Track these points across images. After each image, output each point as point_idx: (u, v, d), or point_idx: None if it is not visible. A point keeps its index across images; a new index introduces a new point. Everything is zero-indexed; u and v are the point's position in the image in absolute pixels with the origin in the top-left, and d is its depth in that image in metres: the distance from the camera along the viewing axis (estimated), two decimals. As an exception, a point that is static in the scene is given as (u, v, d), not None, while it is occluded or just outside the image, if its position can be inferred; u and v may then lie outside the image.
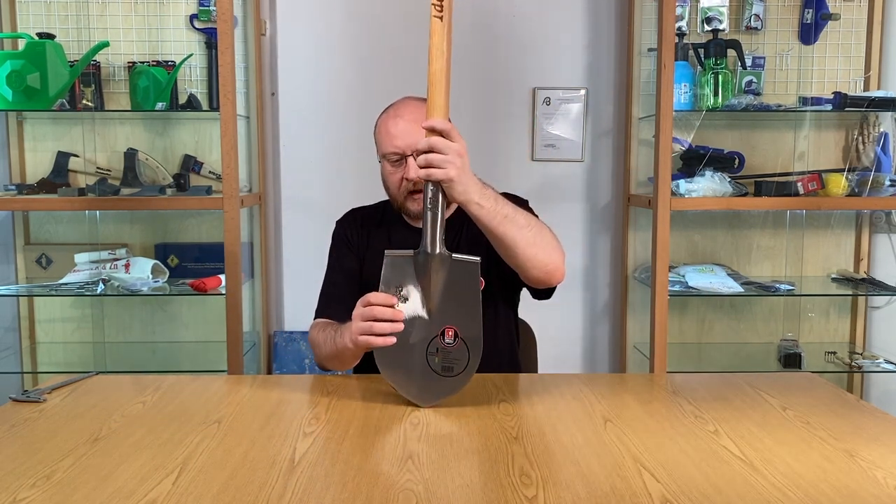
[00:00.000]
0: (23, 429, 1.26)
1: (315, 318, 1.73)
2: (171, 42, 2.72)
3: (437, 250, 1.38)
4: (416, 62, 2.79)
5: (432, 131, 1.38)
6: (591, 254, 2.90)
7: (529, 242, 1.48)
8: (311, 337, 1.67)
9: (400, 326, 1.36)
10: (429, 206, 1.38)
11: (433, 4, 1.36)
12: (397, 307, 1.36)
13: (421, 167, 1.38)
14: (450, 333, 1.36)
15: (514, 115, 2.83)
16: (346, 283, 1.73)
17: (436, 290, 1.38)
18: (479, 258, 1.39)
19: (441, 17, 1.37)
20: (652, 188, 2.50)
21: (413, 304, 1.36)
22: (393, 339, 1.35)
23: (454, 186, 1.38)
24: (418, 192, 1.62)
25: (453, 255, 1.38)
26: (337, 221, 1.82)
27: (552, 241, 1.54)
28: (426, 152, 1.38)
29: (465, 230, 1.72)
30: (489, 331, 1.68)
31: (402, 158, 1.62)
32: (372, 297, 1.38)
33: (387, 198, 1.81)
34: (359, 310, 1.40)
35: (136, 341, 2.81)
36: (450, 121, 1.41)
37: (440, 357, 1.36)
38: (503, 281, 1.67)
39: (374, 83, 2.80)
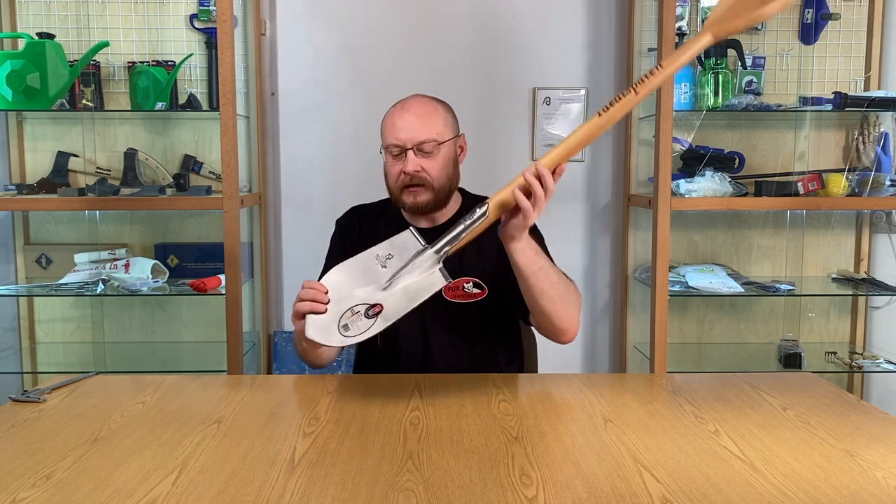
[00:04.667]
0: (23, 429, 1.26)
1: None
2: (171, 42, 2.72)
3: (436, 250, 1.40)
4: (416, 62, 2.81)
5: (552, 173, 1.36)
6: (591, 254, 2.90)
7: (554, 299, 1.52)
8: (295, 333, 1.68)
9: (321, 308, 1.38)
10: (467, 221, 1.39)
11: (633, 87, 1.37)
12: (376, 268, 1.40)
13: (521, 189, 1.36)
14: (376, 309, 1.38)
15: (514, 115, 2.83)
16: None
17: (404, 276, 1.40)
18: (449, 281, 1.39)
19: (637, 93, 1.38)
20: (652, 188, 2.50)
21: (383, 273, 1.40)
22: (318, 307, 1.38)
23: (523, 225, 1.39)
24: (414, 185, 1.63)
25: (441, 266, 1.39)
26: (337, 220, 1.83)
27: (576, 302, 1.58)
28: (535, 181, 1.35)
29: (483, 234, 1.73)
30: (486, 345, 1.69)
31: (402, 151, 1.63)
32: (306, 283, 1.42)
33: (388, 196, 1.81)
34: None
35: (136, 341, 2.81)
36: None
37: (352, 318, 1.38)
38: (506, 299, 1.68)
39: (374, 83, 2.80)
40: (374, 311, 1.37)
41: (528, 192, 1.36)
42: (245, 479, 1.05)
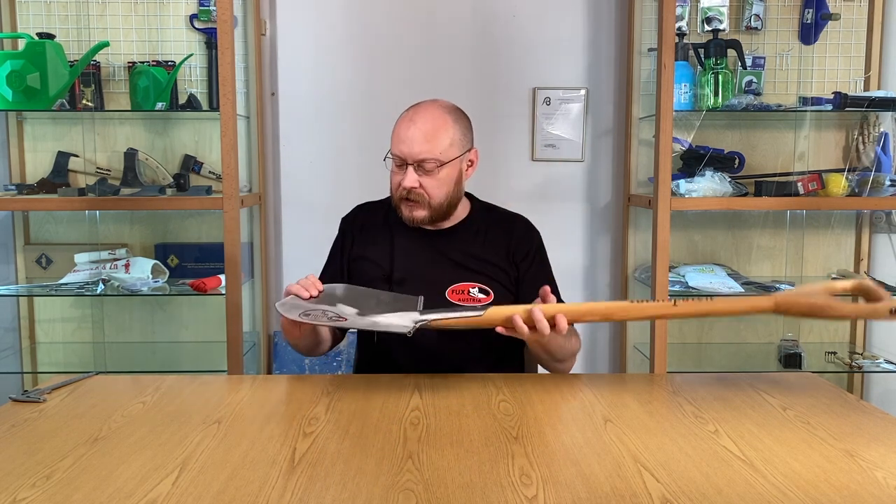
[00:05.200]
0: (23, 429, 1.26)
1: None
2: (171, 42, 2.72)
3: (421, 312, 1.44)
4: (417, 62, 2.81)
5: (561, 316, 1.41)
6: (591, 254, 2.90)
7: (554, 368, 1.63)
8: None
9: (304, 293, 1.48)
10: (464, 312, 1.44)
11: (675, 300, 1.41)
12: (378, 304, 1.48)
13: (525, 320, 1.41)
14: (340, 321, 1.45)
15: (514, 115, 2.83)
16: (333, 280, 1.75)
17: (384, 315, 1.45)
18: (409, 332, 1.41)
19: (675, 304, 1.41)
20: (652, 188, 2.50)
21: (371, 308, 1.47)
22: (302, 292, 1.48)
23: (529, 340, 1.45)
24: (411, 200, 1.64)
25: (415, 325, 1.42)
26: (342, 218, 1.83)
27: (576, 351, 1.67)
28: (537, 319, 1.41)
29: (486, 234, 1.74)
30: (487, 346, 1.71)
31: (403, 164, 1.62)
32: (311, 276, 1.52)
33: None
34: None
35: (136, 341, 2.81)
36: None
37: (318, 314, 1.45)
38: (510, 303, 1.70)
39: (374, 83, 2.80)
40: (338, 321, 1.44)
41: (530, 322, 1.41)
42: (245, 479, 1.05)
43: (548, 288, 1.48)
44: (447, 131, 1.62)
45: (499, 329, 1.43)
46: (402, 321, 1.40)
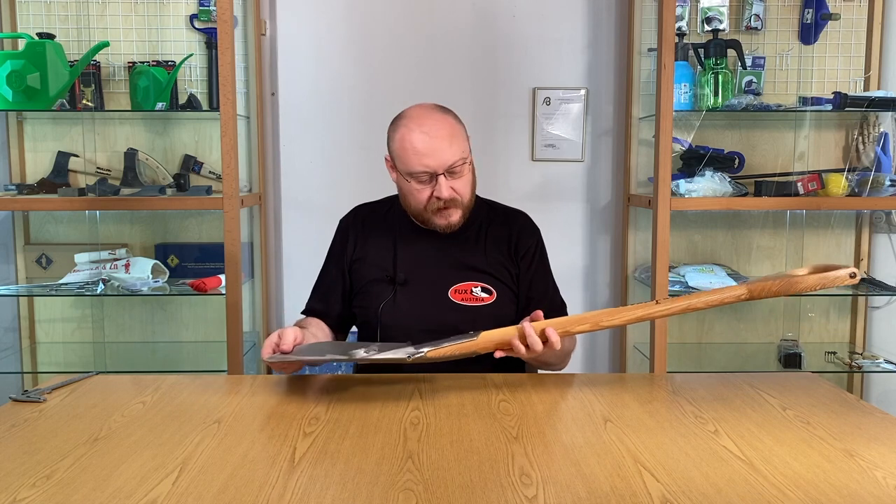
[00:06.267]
0: (23, 429, 1.26)
1: (303, 310, 1.80)
2: (171, 42, 2.72)
3: (416, 346, 1.42)
4: (417, 62, 2.81)
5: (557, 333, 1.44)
6: (591, 254, 2.90)
7: (551, 369, 1.66)
8: None
9: (267, 352, 1.47)
10: (457, 338, 1.44)
11: (657, 300, 1.45)
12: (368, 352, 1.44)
13: (519, 339, 1.44)
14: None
15: (514, 115, 2.83)
16: (333, 282, 1.77)
17: (374, 354, 1.44)
18: (409, 358, 1.41)
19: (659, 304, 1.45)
20: (652, 188, 2.50)
21: (359, 352, 1.46)
22: (267, 352, 1.47)
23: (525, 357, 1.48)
24: (446, 208, 1.63)
25: (412, 354, 1.41)
26: (341, 220, 1.82)
27: (571, 352, 1.70)
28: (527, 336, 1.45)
29: (487, 231, 1.75)
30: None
31: (433, 177, 1.59)
32: (280, 333, 1.50)
33: (393, 194, 1.81)
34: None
35: (136, 341, 2.81)
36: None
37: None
38: (513, 305, 1.73)
39: (375, 83, 2.80)
40: (336, 358, 1.48)
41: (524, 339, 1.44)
42: (245, 479, 1.05)
43: (540, 312, 1.50)
44: (458, 130, 1.63)
45: (497, 354, 1.46)
46: (397, 355, 1.40)
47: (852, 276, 1.36)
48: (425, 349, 1.40)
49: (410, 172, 1.60)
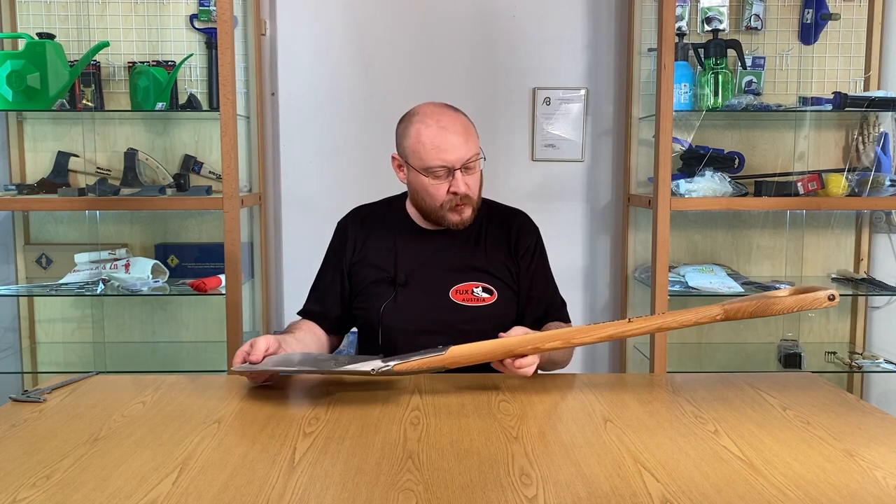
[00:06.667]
0: (23, 429, 1.26)
1: (299, 311, 1.79)
2: (171, 42, 2.72)
3: (384, 359, 1.40)
4: (417, 62, 2.81)
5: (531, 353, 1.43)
6: (591, 254, 2.90)
7: (557, 364, 1.65)
8: None
9: (237, 361, 1.44)
10: (427, 353, 1.40)
11: (629, 319, 1.42)
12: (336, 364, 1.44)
13: (517, 359, 1.42)
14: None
15: (514, 115, 2.83)
16: (331, 284, 1.76)
17: (344, 365, 1.42)
18: (375, 371, 1.38)
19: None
20: (652, 188, 2.50)
21: (329, 365, 1.44)
22: (237, 361, 1.44)
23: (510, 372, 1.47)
24: (462, 204, 1.63)
25: (379, 367, 1.38)
26: (339, 222, 1.82)
27: (569, 360, 1.71)
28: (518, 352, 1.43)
29: (487, 230, 1.74)
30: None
31: (450, 172, 1.60)
32: (252, 342, 1.46)
33: (392, 194, 1.81)
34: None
35: (136, 341, 2.81)
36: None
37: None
38: (514, 305, 1.73)
39: (374, 83, 2.80)
40: (299, 369, 1.44)
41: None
42: (245, 479, 1.05)
43: (516, 328, 1.50)
44: (471, 126, 1.65)
45: (496, 365, 1.46)
46: (364, 367, 1.39)
47: (831, 298, 1.34)
48: (393, 363, 1.38)
49: (427, 167, 1.60)
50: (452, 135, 1.59)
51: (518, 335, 1.45)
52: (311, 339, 1.69)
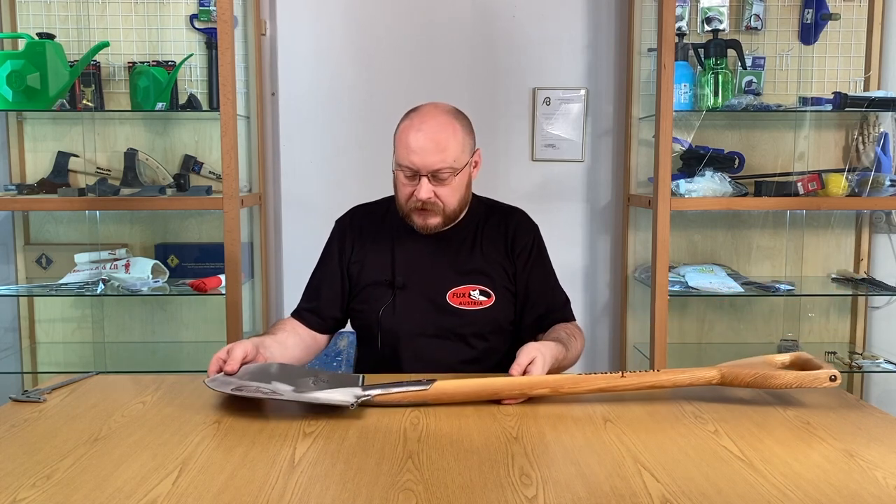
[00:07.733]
0: (23, 429, 1.26)
1: (294, 310, 1.77)
2: (171, 42, 2.72)
3: (363, 388, 1.36)
4: (417, 62, 2.80)
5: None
6: (591, 254, 2.90)
7: (564, 366, 1.61)
8: None
9: (213, 369, 1.41)
10: (410, 385, 1.36)
11: (623, 372, 1.40)
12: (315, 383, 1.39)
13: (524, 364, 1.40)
14: (275, 395, 1.34)
15: (514, 115, 2.83)
16: (328, 283, 1.75)
17: (322, 392, 1.35)
18: (352, 406, 1.30)
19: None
20: (652, 188, 2.50)
21: (308, 386, 1.37)
22: (221, 365, 1.42)
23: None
24: (425, 210, 1.61)
25: (357, 400, 1.32)
26: (337, 220, 1.81)
27: (580, 351, 1.70)
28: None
29: (484, 230, 1.74)
30: (489, 348, 1.69)
31: (416, 175, 1.58)
32: (229, 349, 1.43)
33: (392, 194, 1.81)
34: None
35: (136, 341, 2.81)
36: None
37: (251, 390, 1.35)
38: (512, 309, 1.71)
39: (375, 83, 2.80)
40: (272, 396, 1.35)
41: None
42: (245, 479, 1.05)
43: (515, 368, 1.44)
44: (457, 137, 1.59)
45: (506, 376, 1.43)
46: (343, 396, 1.32)
47: (832, 378, 1.33)
48: (374, 392, 1.34)
49: (399, 164, 1.61)
50: (426, 140, 1.56)
51: (524, 361, 1.39)
52: (293, 340, 1.66)
